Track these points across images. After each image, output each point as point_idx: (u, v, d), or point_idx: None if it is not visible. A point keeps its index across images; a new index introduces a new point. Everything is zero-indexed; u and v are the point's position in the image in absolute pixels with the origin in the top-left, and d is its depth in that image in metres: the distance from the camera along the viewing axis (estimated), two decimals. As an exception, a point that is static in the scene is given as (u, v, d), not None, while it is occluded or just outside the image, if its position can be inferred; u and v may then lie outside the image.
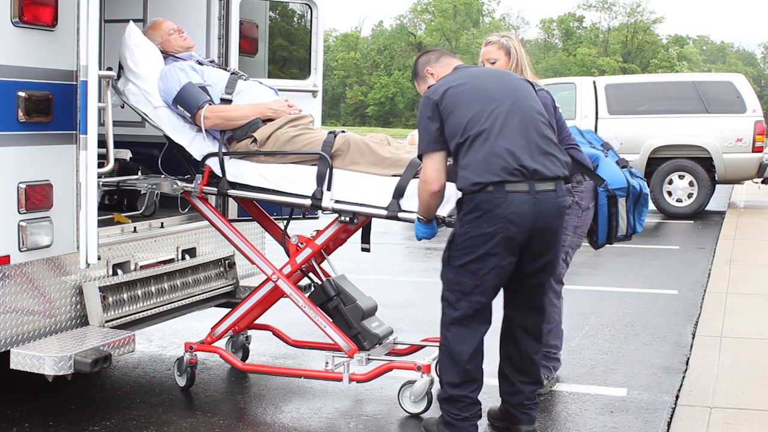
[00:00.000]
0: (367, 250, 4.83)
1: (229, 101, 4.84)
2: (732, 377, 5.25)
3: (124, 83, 4.91)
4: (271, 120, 4.78)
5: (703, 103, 14.08)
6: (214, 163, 4.76)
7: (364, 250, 4.81)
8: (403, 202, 4.33)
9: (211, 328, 5.05)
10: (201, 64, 5.05)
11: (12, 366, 4.09)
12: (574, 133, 4.96)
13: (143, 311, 4.83)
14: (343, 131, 4.69)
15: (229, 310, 5.12)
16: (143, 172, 5.35)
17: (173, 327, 6.24)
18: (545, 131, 4.02)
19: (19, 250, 4.11)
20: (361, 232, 4.81)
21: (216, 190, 4.79)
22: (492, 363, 4.33)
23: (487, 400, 4.78)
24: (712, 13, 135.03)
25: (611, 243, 5.04)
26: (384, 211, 4.39)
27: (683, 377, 5.32)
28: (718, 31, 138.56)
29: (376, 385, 4.97)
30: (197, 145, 4.81)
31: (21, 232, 4.10)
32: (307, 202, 4.55)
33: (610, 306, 7.53)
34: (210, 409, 4.73)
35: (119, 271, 4.77)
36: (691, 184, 14.03)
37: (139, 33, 4.99)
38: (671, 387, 5.16)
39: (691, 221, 13.69)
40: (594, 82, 14.75)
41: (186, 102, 4.75)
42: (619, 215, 4.94)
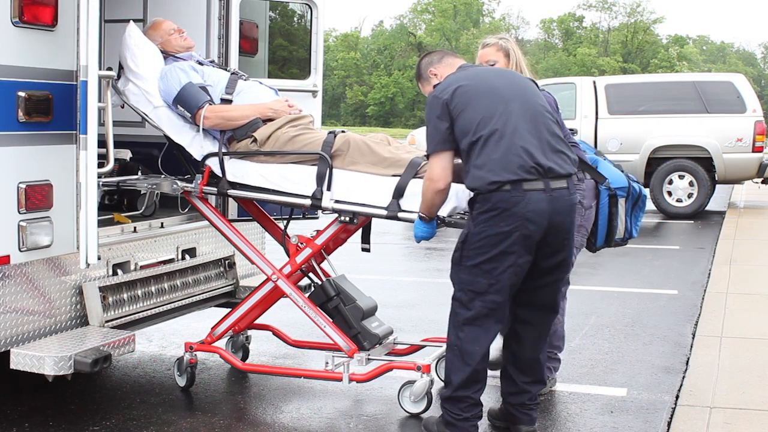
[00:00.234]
0: (367, 250, 4.83)
1: (229, 101, 4.84)
2: (732, 377, 5.25)
3: (124, 83, 4.91)
4: (271, 120, 4.78)
5: (703, 103, 14.08)
6: (214, 163, 4.76)
7: (364, 250, 4.81)
8: (403, 202, 4.33)
9: (211, 328, 5.05)
10: (201, 64, 5.05)
11: (12, 366, 4.09)
12: None
13: (143, 311, 4.83)
14: (343, 131, 4.69)
15: (229, 310, 5.12)
16: (143, 172, 5.34)
17: (173, 327, 6.24)
18: (555, 129, 4.04)
19: (19, 250, 4.11)
20: (361, 232, 4.81)
21: (216, 190, 4.79)
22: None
23: (487, 400, 4.79)
24: (712, 13, 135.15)
25: (609, 246, 5.02)
26: (384, 211, 4.39)
27: (683, 377, 5.32)
28: (718, 31, 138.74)
29: (376, 385, 4.97)
30: (197, 145, 4.81)
31: (21, 232, 4.10)
32: (307, 202, 4.55)
33: (610, 306, 7.53)
34: (210, 409, 4.73)
35: (119, 271, 4.77)
36: (691, 184, 14.03)
37: (139, 33, 4.99)
38: (671, 387, 5.16)
39: (691, 221, 13.69)
40: (594, 82, 14.75)
41: (186, 102, 4.75)
42: (618, 216, 4.93)
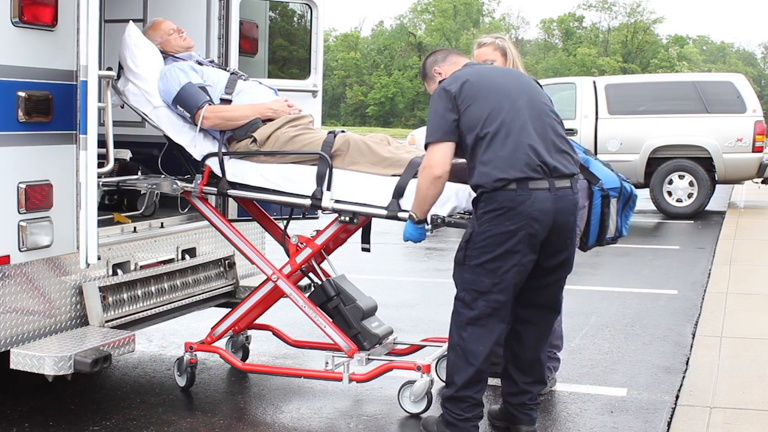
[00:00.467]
0: (368, 250, 4.83)
1: (229, 101, 4.84)
2: (732, 377, 5.25)
3: (124, 83, 4.91)
4: (271, 120, 4.78)
5: (703, 103, 14.08)
6: (214, 163, 4.76)
7: (364, 250, 4.81)
8: (403, 202, 4.32)
9: (211, 328, 5.05)
10: (201, 64, 5.05)
11: (12, 366, 4.09)
12: None
13: (143, 311, 4.83)
14: (343, 131, 4.69)
15: (229, 310, 5.12)
16: (143, 172, 5.34)
17: (173, 327, 6.24)
18: (559, 130, 4.05)
19: (19, 250, 4.10)
20: (361, 232, 4.81)
21: (216, 190, 4.79)
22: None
23: (487, 401, 4.79)
24: (712, 13, 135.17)
25: (600, 245, 5.04)
26: (384, 211, 4.39)
27: (683, 377, 5.32)
28: (718, 31, 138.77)
29: (376, 385, 4.97)
30: (197, 145, 4.81)
31: (21, 232, 4.10)
32: (307, 202, 4.55)
33: (610, 306, 7.53)
34: (210, 409, 4.73)
35: (119, 271, 4.77)
36: (691, 184, 14.03)
37: (139, 33, 4.98)
38: (671, 387, 5.16)
39: (691, 221, 13.69)
40: (594, 82, 14.75)
41: (186, 102, 4.75)
42: (610, 216, 4.94)
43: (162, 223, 5.30)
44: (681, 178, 14.06)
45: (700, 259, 10.03)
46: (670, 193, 14.15)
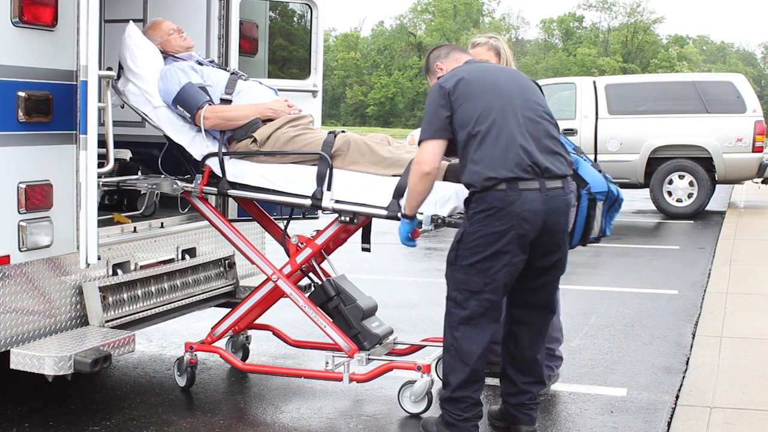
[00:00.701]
0: (368, 250, 4.83)
1: (229, 101, 4.84)
2: (732, 377, 5.25)
3: (124, 83, 4.91)
4: (271, 120, 4.78)
5: (703, 103, 14.07)
6: (214, 163, 4.76)
7: (364, 250, 4.82)
8: (404, 202, 4.32)
9: (211, 328, 5.05)
10: (201, 64, 5.05)
11: (12, 366, 4.09)
12: None
13: (143, 311, 4.83)
14: (343, 131, 4.69)
15: (229, 310, 5.12)
16: (143, 172, 5.34)
17: (173, 327, 6.24)
18: (552, 132, 4.05)
19: (19, 250, 4.10)
20: (361, 232, 4.81)
21: (216, 190, 4.79)
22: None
23: (486, 401, 4.79)
24: (712, 13, 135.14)
25: (583, 244, 5.08)
26: (384, 211, 4.39)
27: (683, 377, 5.32)
28: (718, 31, 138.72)
29: (376, 385, 4.96)
30: (197, 145, 4.81)
31: (21, 232, 4.10)
32: (307, 202, 4.55)
33: (610, 306, 7.53)
34: (210, 409, 4.73)
35: (119, 271, 4.77)
36: (691, 184, 14.03)
37: (139, 33, 4.99)
38: (671, 387, 5.16)
39: (691, 221, 13.69)
40: (594, 82, 14.75)
41: (186, 102, 4.75)
42: (595, 218, 4.98)
43: (162, 223, 5.29)
44: (681, 178, 14.06)
45: (700, 259, 10.03)
46: (670, 193, 14.15)
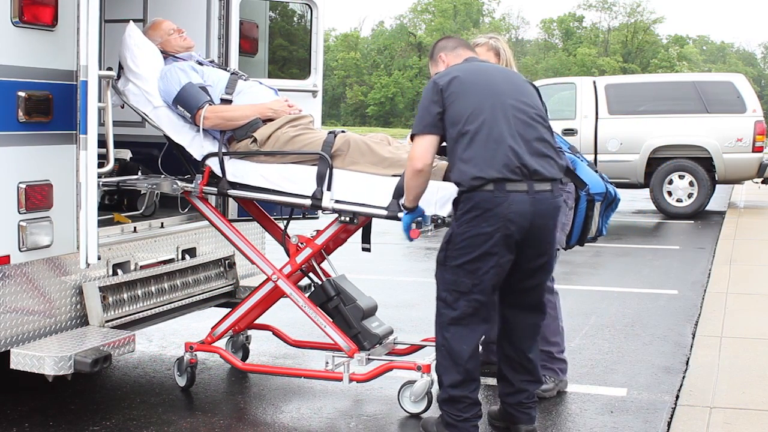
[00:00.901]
0: (368, 250, 4.83)
1: (229, 101, 4.84)
2: (732, 377, 5.25)
3: (124, 83, 4.91)
4: (271, 120, 4.78)
5: (703, 103, 14.07)
6: (214, 163, 4.76)
7: (364, 249, 4.81)
8: (404, 200, 4.32)
9: (211, 328, 5.05)
10: (201, 64, 5.05)
11: (12, 366, 4.09)
12: None
13: (143, 311, 4.83)
14: (343, 131, 4.69)
15: (229, 310, 5.12)
16: (143, 172, 5.34)
17: (173, 327, 6.24)
18: (544, 135, 4.04)
19: (19, 250, 4.11)
20: (361, 232, 4.81)
21: (216, 190, 4.79)
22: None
23: (486, 402, 4.79)
24: (712, 13, 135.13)
25: (581, 244, 5.11)
26: (384, 211, 4.39)
27: (683, 377, 5.32)
28: (718, 31, 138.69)
29: (376, 385, 4.96)
30: (197, 145, 4.81)
31: (21, 232, 4.10)
32: (307, 202, 4.55)
33: (610, 306, 7.53)
34: (210, 409, 4.73)
35: (119, 271, 4.77)
36: (691, 184, 14.03)
37: (139, 33, 4.98)
38: (671, 387, 5.16)
39: (691, 221, 13.69)
40: (594, 82, 14.75)
41: (186, 102, 4.75)
42: (593, 219, 5.00)
43: (162, 223, 5.29)
44: (681, 178, 14.06)
45: (700, 259, 10.03)
46: (670, 193, 14.15)
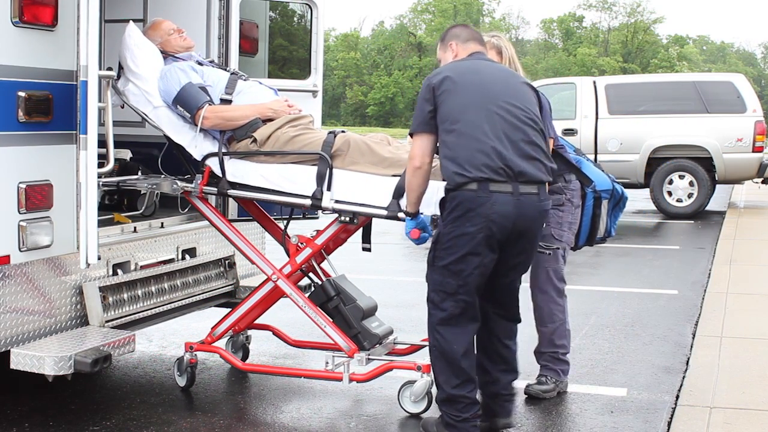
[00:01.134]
0: (368, 250, 4.83)
1: (229, 101, 4.84)
2: (732, 377, 5.25)
3: (124, 83, 4.91)
4: (271, 120, 4.78)
5: (703, 103, 14.07)
6: (214, 163, 4.76)
7: (365, 249, 4.82)
8: (404, 202, 4.32)
9: (211, 328, 5.05)
10: (201, 64, 5.05)
11: (12, 366, 4.09)
12: None
13: (143, 311, 4.83)
14: (343, 131, 4.70)
15: (229, 310, 5.12)
16: (143, 172, 5.34)
17: (173, 327, 6.24)
18: (533, 138, 4.01)
19: (19, 250, 4.11)
20: (361, 231, 4.81)
21: (216, 190, 4.79)
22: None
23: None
24: (712, 13, 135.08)
25: (590, 245, 5.08)
26: (384, 211, 4.40)
27: (683, 377, 5.32)
28: (718, 31, 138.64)
29: (376, 385, 4.97)
30: (197, 145, 4.81)
31: (21, 232, 4.10)
32: (307, 202, 4.55)
33: (610, 306, 7.54)
34: (210, 409, 4.73)
35: (119, 271, 4.77)
36: (691, 184, 14.03)
37: (139, 33, 4.98)
38: (671, 387, 5.16)
39: (691, 221, 13.69)
40: (594, 82, 14.75)
41: (186, 102, 4.75)
42: (601, 217, 4.98)
43: (162, 223, 5.29)
44: (681, 178, 14.06)
45: (700, 259, 10.03)
46: (670, 193, 14.15)
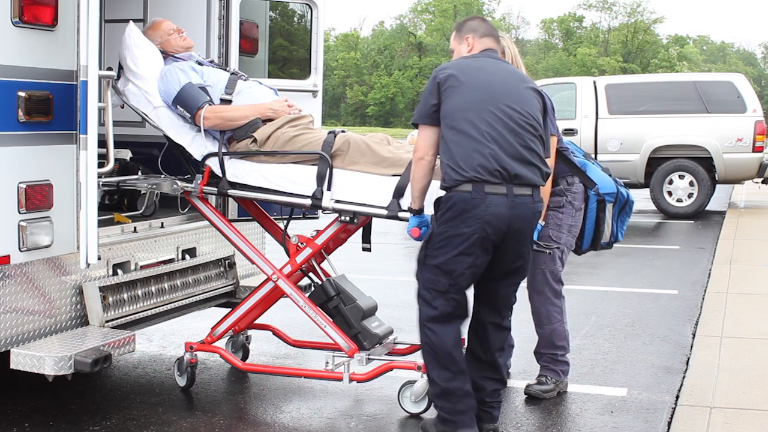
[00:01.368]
0: (368, 250, 4.83)
1: (229, 101, 4.84)
2: (732, 377, 5.25)
3: (124, 83, 4.91)
4: (271, 120, 4.78)
5: (703, 103, 14.07)
6: (214, 163, 4.77)
7: (365, 249, 4.82)
8: (404, 202, 4.33)
9: (211, 328, 5.05)
10: (201, 64, 5.05)
11: (12, 366, 4.09)
12: None
13: (143, 311, 4.83)
14: (343, 131, 4.70)
15: (229, 310, 5.13)
16: (143, 172, 5.35)
17: (173, 327, 6.24)
18: (531, 143, 4.01)
19: (19, 250, 4.11)
20: (361, 231, 4.81)
21: (216, 190, 4.79)
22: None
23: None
24: (712, 13, 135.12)
25: (595, 249, 5.06)
26: (384, 211, 4.40)
27: (683, 377, 5.32)
28: (718, 31, 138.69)
29: (376, 385, 4.97)
30: (197, 145, 4.81)
31: (21, 232, 4.10)
32: (308, 202, 4.55)
33: (610, 306, 7.53)
34: (210, 409, 4.73)
35: (119, 271, 4.77)
36: (691, 184, 14.03)
37: (139, 33, 4.99)
38: (671, 387, 5.16)
39: (692, 221, 13.68)
40: (594, 82, 14.74)
41: (186, 102, 4.75)
42: (605, 221, 4.96)
43: (162, 223, 5.29)
44: (681, 178, 14.06)
45: (701, 259, 10.03)
46: (670, 193, 14.14)
